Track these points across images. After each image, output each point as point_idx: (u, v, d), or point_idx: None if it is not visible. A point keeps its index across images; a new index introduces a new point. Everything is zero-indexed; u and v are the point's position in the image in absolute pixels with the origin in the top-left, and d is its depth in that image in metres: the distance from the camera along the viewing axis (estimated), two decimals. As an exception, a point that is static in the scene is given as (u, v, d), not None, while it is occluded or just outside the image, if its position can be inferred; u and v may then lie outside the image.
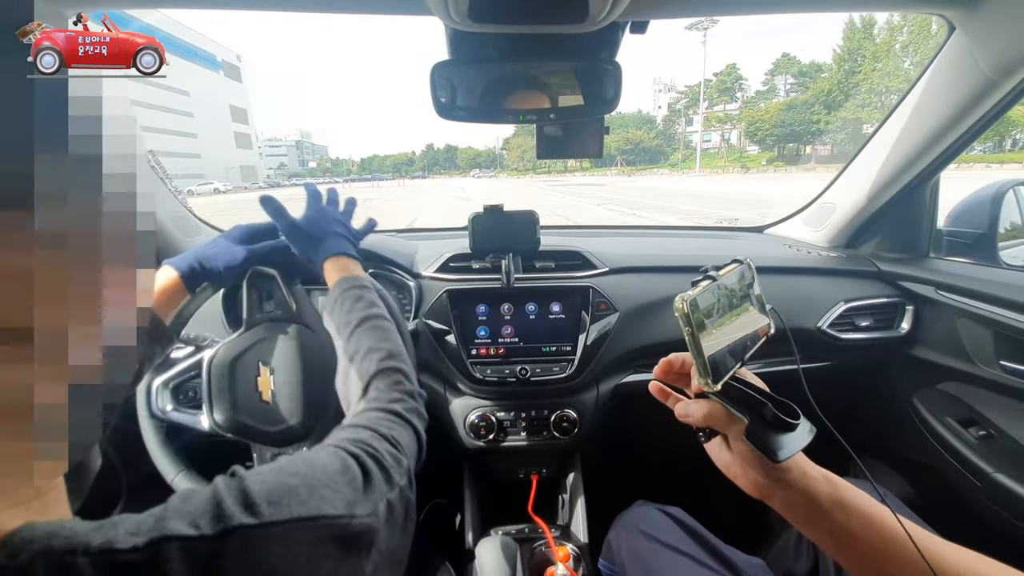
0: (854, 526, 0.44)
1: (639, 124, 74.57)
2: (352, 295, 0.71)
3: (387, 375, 0.60)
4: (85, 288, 0.28)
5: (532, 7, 0.70)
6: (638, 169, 63.12)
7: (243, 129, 74.61)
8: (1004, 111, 0.98)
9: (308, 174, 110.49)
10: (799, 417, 0.44)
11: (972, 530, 1.01)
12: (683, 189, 23.75)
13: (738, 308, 0.49)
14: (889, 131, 1.16)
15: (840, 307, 1.21)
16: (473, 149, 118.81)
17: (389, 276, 1.18)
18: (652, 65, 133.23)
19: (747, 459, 0.46)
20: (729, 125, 61.14)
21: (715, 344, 0.45)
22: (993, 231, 1.17)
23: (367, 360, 0.62)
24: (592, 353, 1.11)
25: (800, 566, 0.83)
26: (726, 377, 0.45)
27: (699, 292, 0.45)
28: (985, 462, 0.99)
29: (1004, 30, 0.85)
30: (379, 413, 0.54)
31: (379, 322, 0.68)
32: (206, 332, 1.04)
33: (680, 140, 67.89)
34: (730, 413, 0.46)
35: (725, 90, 59.65)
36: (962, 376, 1.12)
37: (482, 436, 1.12)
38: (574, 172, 66.76)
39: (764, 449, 0.42)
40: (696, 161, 56.04)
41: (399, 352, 0.64)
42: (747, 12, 0.92)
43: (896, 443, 1.28)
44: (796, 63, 56.48)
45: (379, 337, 0.65)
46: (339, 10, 0.84)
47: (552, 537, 1.05)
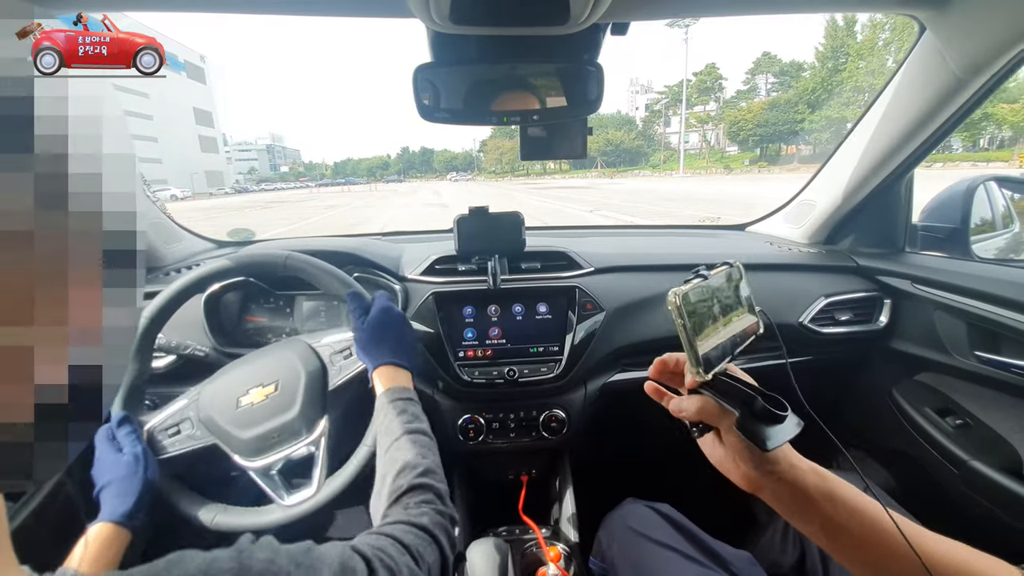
0: (842, 517, 0.45)
1: (619, 125, 73.20)
2: (398, 406, 0.73)
3: (421, 492, 0.61)
4: (50, 293, 0.27)
5: (513, 9, 0.70)
6: (619, 171, 61.68)
7: (208, 132, 71.30)
8: (973, 109, 1.01)
9: (279, 178, 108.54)
10: (787, 409, 0.45)
11: (950, 515, 1.04)
12: (674, 192, 22.88)
13: (727, 307, 0.51)
14: (864, 130, 1.19)
15: (820, 302, 1.23)
16: (449, 152, 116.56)
17: (374, 280, 1.17)
18: (629, 66, 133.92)
19: (738, 452, 0.47)
20: (711, 125, 60.31)
21: (706, 338, 0.47)
22: (965, 226, 1.20)
23: (404, 474, 0.62)
24: (579, 353, 1.11)
25: (787, 558, 0.85)
26: (716, 369, 0.47)
27: (691, 287, 0.47)
28: (961, 450, 1.01)
29: (971, 31, 0.87)
30: (406, 526, 0.54)
31: (421, 437, 0.69)
32: (188, 340, 1.02)
33: (661, 141, 66.80)
34: (721, 406, 0.47)
35: (705, 90, 57.80)
36: (939, 367, 1.15)
37: (471, 438, 1.11)
38: (553, 174, 65.42)
39: (754, 439, 0.44)
40: (680, 162, 54.57)
41: (436, 471, 0.65)
42: (723, 14, 0.93)
43: (877, 434, 1.31)
44: (777, 62, 55.35)
45: (418, 452, 0.66)
46: (320, 13, 0.83)
47: (543, 537, 1.05)
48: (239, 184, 79.38)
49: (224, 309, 1.17)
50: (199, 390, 0.88)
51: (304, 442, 0.82)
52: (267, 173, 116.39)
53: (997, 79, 0.93)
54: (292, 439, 0.82)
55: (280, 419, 0.82)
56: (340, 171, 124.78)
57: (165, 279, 1.21)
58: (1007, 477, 0.93)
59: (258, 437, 0.81)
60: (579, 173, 64.24)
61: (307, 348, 0.90)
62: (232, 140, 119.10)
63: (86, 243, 0.29)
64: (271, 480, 0.82)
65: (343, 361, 0.89)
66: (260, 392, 0.84)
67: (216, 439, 0.83)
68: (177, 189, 42.46)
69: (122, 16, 0.74)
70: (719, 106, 58.98)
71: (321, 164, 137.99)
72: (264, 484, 0.82)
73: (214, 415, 0.83)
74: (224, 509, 0.82)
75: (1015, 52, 0.86)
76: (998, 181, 1.40)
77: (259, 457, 0.82)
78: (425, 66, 0.82)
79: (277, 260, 0.90)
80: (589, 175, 61.07)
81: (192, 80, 69.53)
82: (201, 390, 0.87)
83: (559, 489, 1.23)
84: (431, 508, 0.59)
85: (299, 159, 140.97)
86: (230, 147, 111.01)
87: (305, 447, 0.82)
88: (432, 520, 0.56)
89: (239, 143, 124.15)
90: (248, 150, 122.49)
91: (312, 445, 0.83)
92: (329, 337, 0.92)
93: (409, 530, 0.53)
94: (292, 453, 0.82)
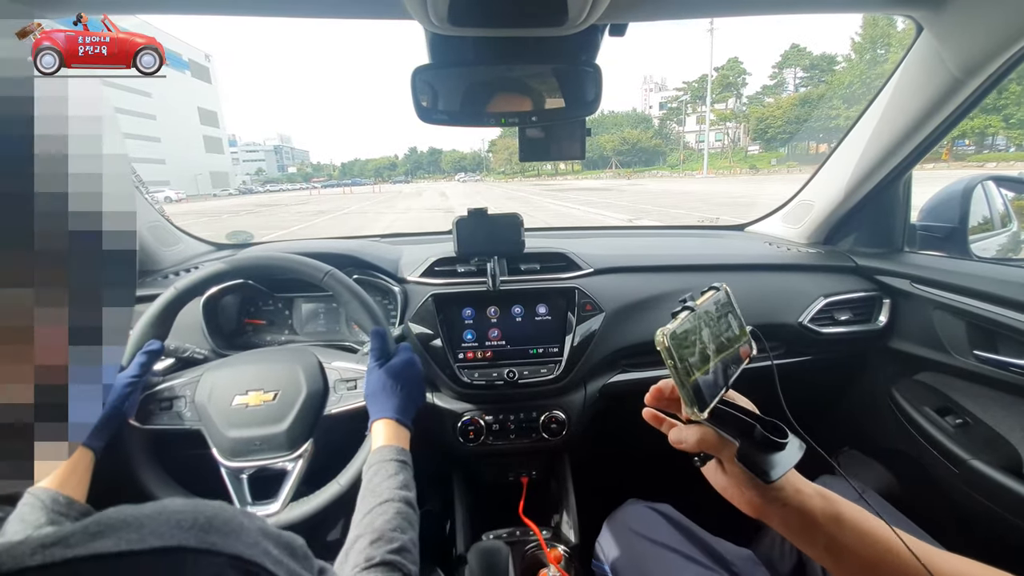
0: (848, 539, 0.45)
1: (635, 123, 70.07)
2: (392, 467, 0.71)
3: (391, 569, 0.58)
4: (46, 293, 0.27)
5: (511, 10, 0.70)
6: (635, 171, 58.38)
7: (213, 133, 69.95)
8: (971, 109, 1.01)
9: (287, 179, 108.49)
10: (787, 436, 0.45)
11: (950, 514, 1.04)
12: (706, 193, 20.41)
13: (717, 333, 0.50)
14: (862, 130, 1.19)
15: (820, 302, 1.23)
16: (458, 152, 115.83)
17: (374, 282, 1.17)
18: (643, 63, 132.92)
19: (741, 480, 0.47)
20: (734, 123, 56.35)
21: (700, 371, 0.46)
22: (964, 225, 1.21)
23: (377, 545, 0.60)
24: (579, 354, 1.11)
25: (787, 557, 0.85)
26: (712, 403, 0.46)
27: (679, 324, 0.45)
28: (962, 449, 1.01)
29: (968, 31, 0.88)
30: None
31: (406, 509, 0.67)
32: (187, 343, 1.02)
33: (679, 140, 63.14)
34: (721, 437, 0.47)
35: (728, 85, 54.44)
36: (938, 366, 1.15)
37: (471, 440, 1.11)
38: (565, 175, 63.35)
39: (756, 471, 0.43)
40: (704, 162, 50.20)
41: (411, 550, 0.63)
42: (721, 15, 0.94)
43: (876, 433, 1.31)
44: (807, 55, 50.68)
45: (398, 526, 0.63)
46: (317, 15, 0.83)
47: (544, 539, 1.05)
48: (244, 185, 78.46)
49: (223, 312, 1.16)
50: (203, 371, 0.88)
51: (283, 459, 0.82)
52: (275, 174, 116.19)
53: (995, 79, 0.93)
54: (273, 452, 0.82)
55: (267, 429, 0.82)
56: (347, 172, 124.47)
57: (163, 282, 1.21)
58: (1007, 476, 0.93)
59: (241, 439, 0.81)
60: (593, 174, 61.83)
61: (316, 365, 0.90)
62: (241, 141, 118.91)
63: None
64: (239, 484, 0.82)
65: (346, 391, 0.88)
66: (257, 396, 0.84)
67: (201, 427, 0.83)
68: (172, 192, 41.18)
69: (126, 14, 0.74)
70: (738, 102, 55.77)
71: (329, 165, 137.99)
72: (231, 486, 0.82)
73: (207, 404, 0.83)
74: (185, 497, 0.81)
75: (1012, 52, 0.86)
76: (996, 180, 1.40)
77: (236, 459, 0.82)
78: (423, 68, 0.82)
79: (317, 273, 0.90)
80: (603, 176, 58.51)
81: (197, 79, 68.16)
82: (204, 373, 0.88)
83: (559, 490, 1.23)
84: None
85: (307, 160, 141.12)
86: (238, 148, 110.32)
87: (282, 463, 0.82)
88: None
89: (247, 144, 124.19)
90: (256, 151, 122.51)
91: (290, 463, 0.82)
92: (341, 362, 0.91)
93: None
94: (268, 465, 0.82)
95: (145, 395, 0.85)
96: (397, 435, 0.77)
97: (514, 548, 1.04)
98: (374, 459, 0.73)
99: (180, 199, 39.82)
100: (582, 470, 1.27)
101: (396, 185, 74.20)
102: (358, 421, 0.84)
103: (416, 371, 0.86)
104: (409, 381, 0.83)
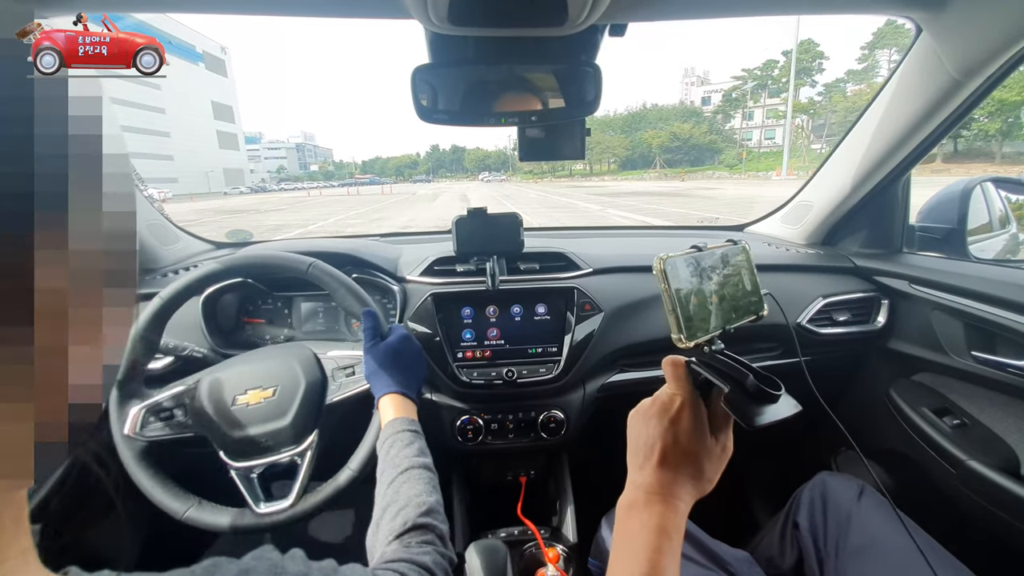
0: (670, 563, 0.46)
1: (684, 117, 62.38)
2: (406, 437, 0.72)
3: (423, 532, 0.60)
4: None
5: (511, 10, 0.70)
6: (686, 171, 50.11)
7: (228, 128, 67.11)
8: (969, 111, 1.01)
9: (308, 177, 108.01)
10: (780, 388, 0.45)
11: (947, 515, 1.04)
12: None
13: (722, 283, 0.51)
14: (861, 131, 1.19)
15: (818, 303, 1.23)
16: (482, 150, 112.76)
17: (373, 280, 1.17)
18: (683, 55, 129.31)
19: (708, 426, 0.49)
20: (807, 116, 48.48)
21: (696, 309, 0.47)
22: (962, 226, 1.21)
23: (407, 511, 0.61)
24: (578, 353, 1.11)
25: (785, 558, 0.85)
26: (702, 339, 0.47)
27: (681, 255, 0.48)
28: (959, 450, 1.01)
29: (967, 33, 0.88)
30: (409, 564, 0.54)
31: (427, 473, 0.69)
32: (186, 341, 1.02)
33: (735, 136, 55.75)
34: (693, 375, 0.49)
35: (800, 71, 45.33)
36: (936, 367, 1.15)
37: (470, 439, 1.11)
38: (602, 176, 57.40)
39: (739, 414, 0.44)
40: (784, 160, 41.82)
41: (439, 510, 0.64)
42: (722, 15, 0.93)
43: (874, 434, 1.31)
44: (906, 32, 46.46)
45: (423, 489, 0.65)
46: (319, 14, 0.83)
47: (542, 538, 1.05)
48: (265, 182, 76.56)
49: (222, 310, 1.16)
50: (199, 378, 0.88)
51: (290, 452, 0.82)
52: (297, 172, 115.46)
53: (993, 80, 0.93)
54: (280, 447, 0.82)
55: (271, 425, 0.82)
56: (368, 170, 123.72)
57: (162, 280, 1.20)
58: (1004, 476, 0.93)
59: (247, 439, 0.81)
60: (632, 174, 55.43)
61: (311, 357, 0.90)
62: (265, 138, 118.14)
63: None
64: (250, 484, 0.82)
65: (344, 378, 0.89)
66: (257, 394, 0.84)
67: (205, 432, 0.83)
68: (155, 190, 39.24)
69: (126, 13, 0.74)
70: (812, 91, 47.50)
71: (351, 163, 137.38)
72: (242, 487, 0.82)
73: (208, 408, 0.83)
74: (199, 504, 0.81)
75: (1011, 53, 0.86)
76: (994, 182, 1.40)
77: (244, 459, 0.82)
78: (423, 67, 0.82)
79: (300, 266, 0.90)
80: (647, 176, 51.85)
81: (211, 72, 65.01)
82: (201, 378, 0.87)
83: (558, 490, 1.23)
84: (433, 549, 0.58)
85: (330, 158, 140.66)
86: (260, 145, 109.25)
87: (290, 457, 0.82)
88: (434, 560, 0.56)
89: (271, 141, 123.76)
90: (278, 148, 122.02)
91: (298, 456, 0.82)
92: (336, 351, 0.92)
93: (412, 568, 0.53)
94: (277, 461, 0.82)
95: (144, 408, 0.84)
96: (405, 407, 0.78)
97: (512, 547, 1.04)
98: (387, 432, 0.73)
99: (165, 198, 35.61)
100: (581, 470, 1.27)
101: (414, 185, 68.66)
102: (360, 409, 0.84)
103: (414, 346, 0.87)
104: (408, 355, 0.84)
